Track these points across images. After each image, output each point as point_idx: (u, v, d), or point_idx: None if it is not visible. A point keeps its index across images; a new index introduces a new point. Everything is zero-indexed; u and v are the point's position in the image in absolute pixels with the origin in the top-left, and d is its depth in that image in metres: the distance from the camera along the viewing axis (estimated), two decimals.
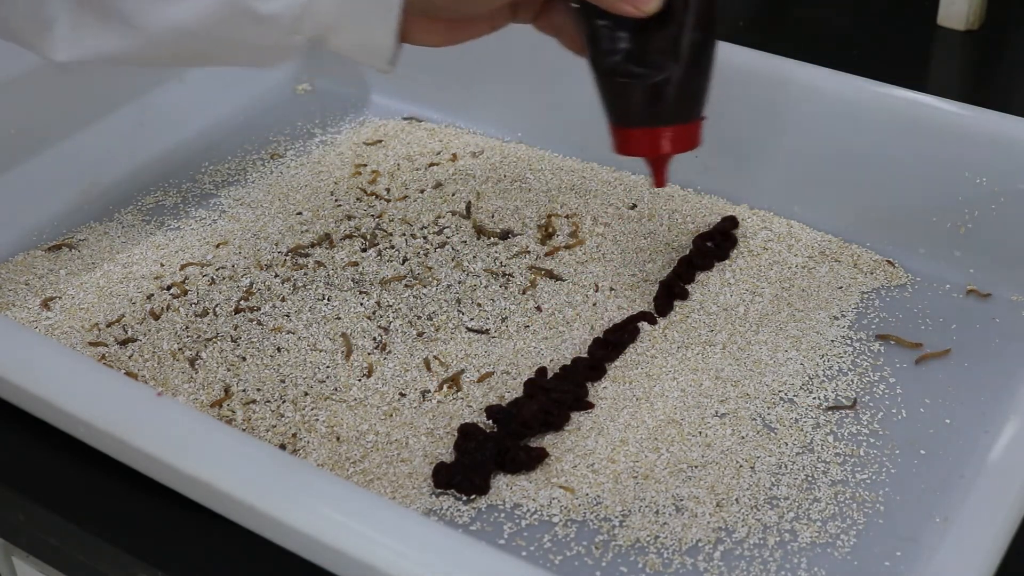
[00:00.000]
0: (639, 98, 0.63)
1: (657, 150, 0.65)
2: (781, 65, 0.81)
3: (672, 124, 0.63)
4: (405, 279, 0.76)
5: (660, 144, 0.64)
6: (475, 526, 0.60)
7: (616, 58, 0.62)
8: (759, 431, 0.65)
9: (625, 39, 0.61)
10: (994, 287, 0.74)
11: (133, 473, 0.58)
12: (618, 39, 0.61)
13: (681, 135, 0.64)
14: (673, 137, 0.64)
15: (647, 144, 0.64)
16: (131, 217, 0.83)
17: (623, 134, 0.64)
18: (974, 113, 0.76)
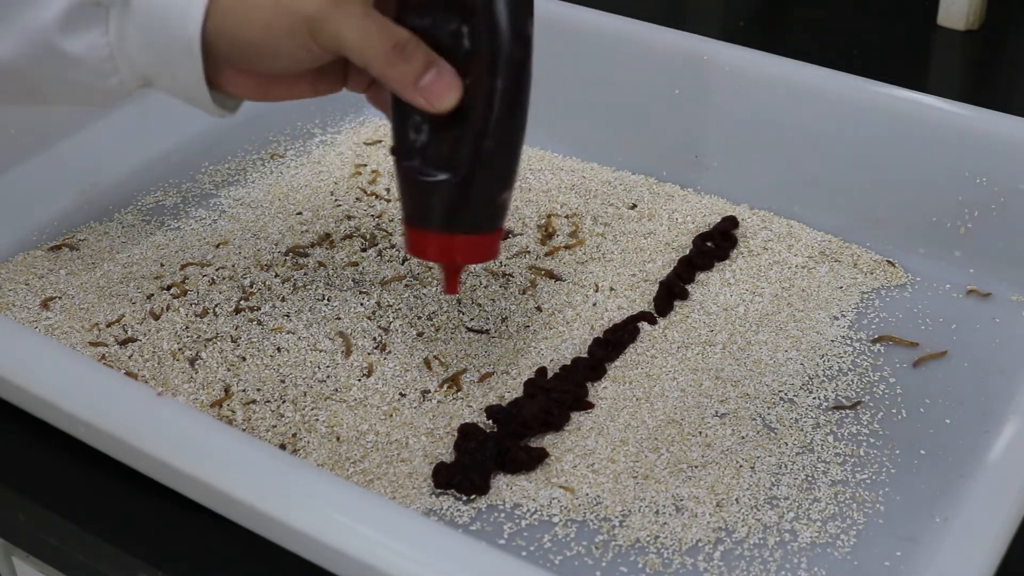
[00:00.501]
0: (429, 199, 0.59)
1: (444, 258, 0.61)
2: (781, 65, 0.81)
3: (463, 233, 0.60)
4: (405, 279, 0.76)
5: (448, 252, 0.61)
6: (475, 526, 0.60)
7: (408, 150, 0.59)
8: (759, 431, 0.65)
9: (422, 132, 0.58)
10: (994, 287, 0.75)
11: (133, 473, 0.58)
12: (415, 131, 0.58)
13: (472, 246, 0.60)
14: (463, 247, 0.60)
15: (435, 249, 0.61)
16: (131, 217, 0.83)
17: (412, 234, 0.61)
18: (974, 113, 0.76)
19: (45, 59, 0.56)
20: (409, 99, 0.57)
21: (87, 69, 0.57)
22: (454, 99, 0.56)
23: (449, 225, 0.60)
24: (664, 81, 0.84)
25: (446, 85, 0.56)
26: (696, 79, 0.83)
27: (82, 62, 0.56)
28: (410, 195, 0.60)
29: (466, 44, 0.56)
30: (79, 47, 0.56)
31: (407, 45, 0.55)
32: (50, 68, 0.57)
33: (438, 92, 0.56)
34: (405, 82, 0.56)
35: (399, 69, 0.55)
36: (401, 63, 0.55)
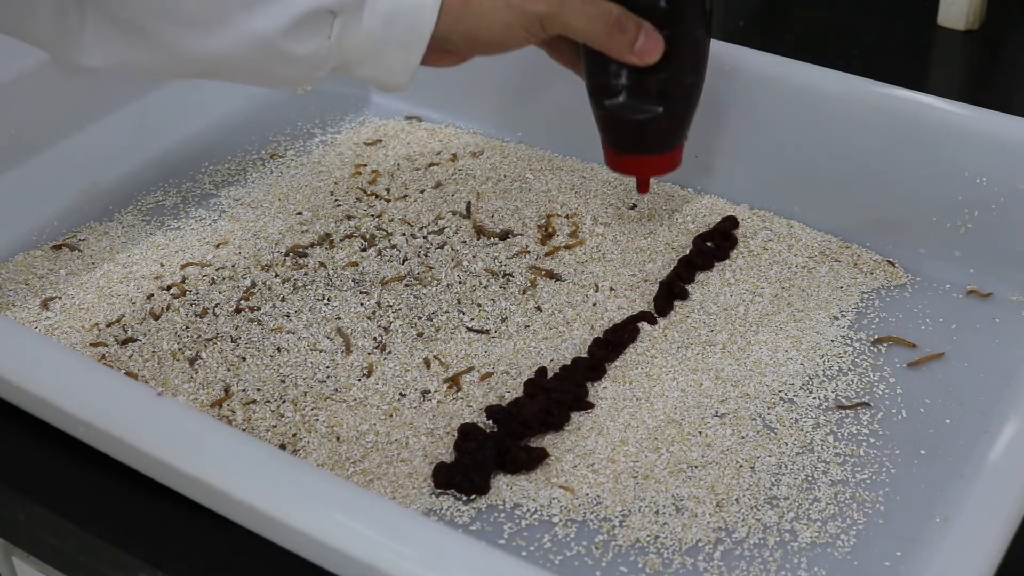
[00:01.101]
0: (631, 130, 0.69)
1: (644, 173, 0.72)
2: (781, 65, 0.81)
3: (659, 152, 0.70)
4: (405, 279, 0.76)
5: (647, 168, 0.72)
6: (475, 526, 0.60)
7: (615, 96, 0.68)
8: (759, 431, 0.65)
9: (625, 80, 0.67)
10: (994, 287, 0.75)
11: (133, 473, 0.58)
12: (618, 79, 0.67)
13: (666, 161, 0.71)
14: (658, 162, 0.71)
15: (635, 167, 0.72)
16: (131, 217, 0.83)
17: (614, 156, 0.71)
18: (974, 113, 0.76)
19: (266, 57, 0.58)
20: (625, 60, 0.65)
21: (302, 66, 0.59)
22: (659, 53, 0.65)
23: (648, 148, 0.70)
24: None
25: (653, 44, 0.64)
26: None
27: (301, 61, 0.59)
28: (612, 128, 0.70)
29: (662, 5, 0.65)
30: (303, 50, 0.58)
31: (620, 20, 0.63)
32: (267, 64, 0.59)
33: (648, 50, 0.64)
34: (623, 50, 0.64)
35: (618, 41, 0.64)
36: (619, 36, 0.64)
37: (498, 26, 0.61)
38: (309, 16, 0.57)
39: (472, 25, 0.61)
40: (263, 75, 0.61)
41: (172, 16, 0.56)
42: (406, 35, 0.60)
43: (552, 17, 0.62)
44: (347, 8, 0.58)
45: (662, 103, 0.68)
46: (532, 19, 0.61)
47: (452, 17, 0.60)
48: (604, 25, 0.63)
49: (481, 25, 0.61)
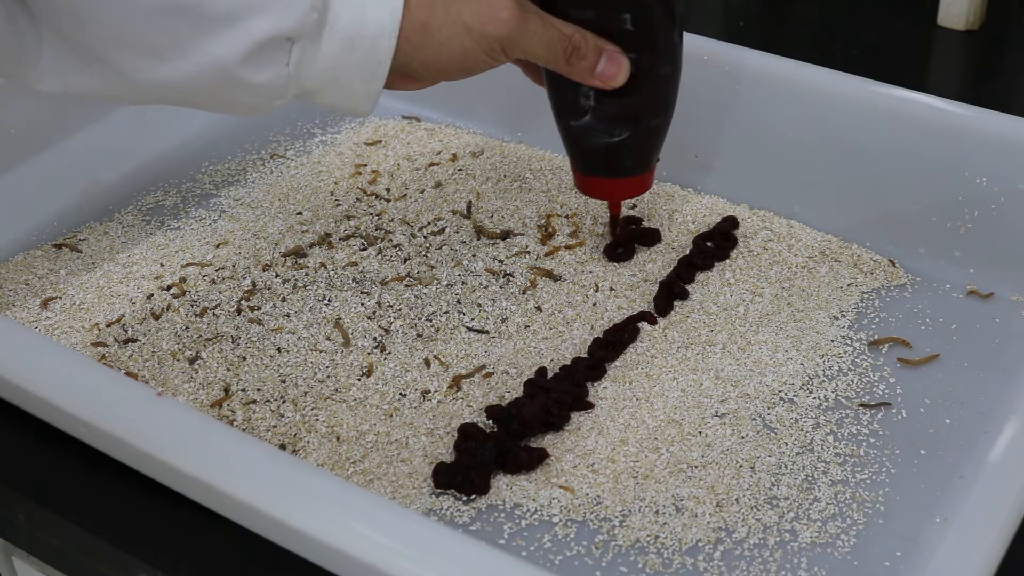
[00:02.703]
0: (599, 153, 0.70)
1: (613, 197, 0.74)
2: (781, 65, 0.81)
3: (628, 176, 0.71)
4: (405, 279, 0.76)
5: (616, 192, 0.73)
6: (475, 526, 0.60)
7: (581, 119, 0.68)
8: (759, 431, 0.65)
9: (590, 102, 0.67)
10: (994, 287, 0.74)
11: (133, 473, 0.58)
12: (584, 101, 0.67)
13: (635, 184, 0.72)
14: (628, 186, 0.72)
15: (604, 191, 0.73)
16: (131, 217, 0.83)
17: (582, 179, 0.72)
18: (974, 113, 0.76)
19: (224, 85, 0.57)
20: (587, 84, 0.65)
21: (261, 94, 0.58)
22: (625, 76, 0.65)
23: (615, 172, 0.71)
24: None
25: (616, 67, 0.65)
26: (696, 79, 0.83)
27: (260, 89, 0.58)
28: (579, 152, 0.70)
29: (628, 26, 0.65)
30: (261, 78, 0.57)
31: (580, 45, 0.63)
32: (225, 91, 0.58)
33: (610, 74, 0.65)
34: (583, 74, 0.65)
35: (578, 66, 0.64)
36: (578, 61, 0.64)
37: (458, 52, 0.60)
38: (267, 44, 0.56)
39: (432, 52, 0.60)
40: (222, 103, 0.59)
41: (128, 43, 0.55)
42: (365, 63, 0.59)
43: (512, 42, 0.61)
44: (305, 35, 0.57)
45: (630, 126, 0.68)
46: (492, 44, 0.61)
47: (411, 44, 0.59)
48: (562, 50, 0.63)
49: (441, 52, 0.60)
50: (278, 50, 0.57)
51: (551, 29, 0.62)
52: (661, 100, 0.69)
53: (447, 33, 0.60)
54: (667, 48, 0.67)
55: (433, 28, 0.59)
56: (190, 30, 0.55)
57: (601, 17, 0.64)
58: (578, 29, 0.64)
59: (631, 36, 0.65)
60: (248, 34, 0.55)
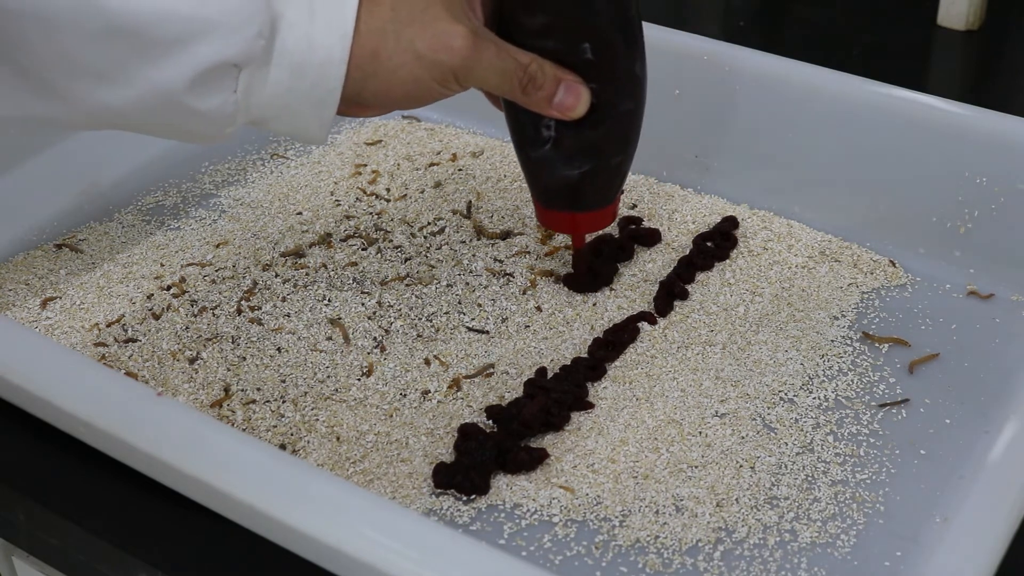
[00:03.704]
0: (559, 186, 0.67)
1: (574, 230, 0.71)
2: (781, 65, 0.81)
3: (590, 209, 0.69)
4: (405, 279, 0.76)
5: (578, 226, 0.70)
6: (475, 526, 0.60)
7: (540, 150, 0.66)
8: (759, 431, 0.65)
9: (550, 133, 0.65)
10: (994, 287, 0.75)
11: (133, 473, 0.58)
12: (545, 131, 0.65)
13: (598, 218, 0.70)
14: (590, 220, 0.70)
15: (565, 224, 0.70)
16: (131, 217, 0.83)
17: (543, 212, 0.70)
18: (974, 113, 0.76)
19: (168, 111, 0.56)
20: (546, 115, 0.64)
21: (209, 122, 0.57)
22: (584, 106, 0.63)
23: (577, 205, 0.69)
24: (664, 81, 0.84)
25: (576, 97, 0.63)
26: (696, 79, 0.83)
27: (207, 117, 0.57)
28: (539, 184, 0.68)
29: (588, 56, 0.63)
30: (207, 105, 0.56)
31: (536, 75, 0.62)
32: (171, 118, 0.57)
33: (569, 105, 0.63)
34: (540, 105, 0.63)
35: (534, 96, 0.62)
36: (535, 91, 0.62)
37: (410, 81, 0.59)
38: (212, 70, 0.55)
39: (383, 80, 0.58)
40: (171, 130, 0.58)
41: (73, 68, 0.54)
42: (315, 90, 0.58)
43: (466, 71, 0.59)
44: (252, 62, 0.56)
45: (591, 160, 0.66)
46: (445, 73, 0.59)
47: (362, 72, 0.58)
48: (518, 80, 0.61)
49: (392, 80, 0.58)
50: (225, 77, 0.55)
51: (506, 58, 0.61)
52: (622, 137, 0.67)
53: (398, 61, 0.58)
54: (629, 80, 0.65)
55: (384, 56, 0.58)
56: (133, 56, 0.54)
57: (560, 46, 0.62)
58: (535, 58, 0.62)
59: (591, 66, 0.63)
60: (192, 60, 0.54)
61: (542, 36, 0.62)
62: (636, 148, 0.68)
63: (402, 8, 0.58)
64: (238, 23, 0.55)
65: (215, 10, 0.54)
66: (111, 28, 0.53)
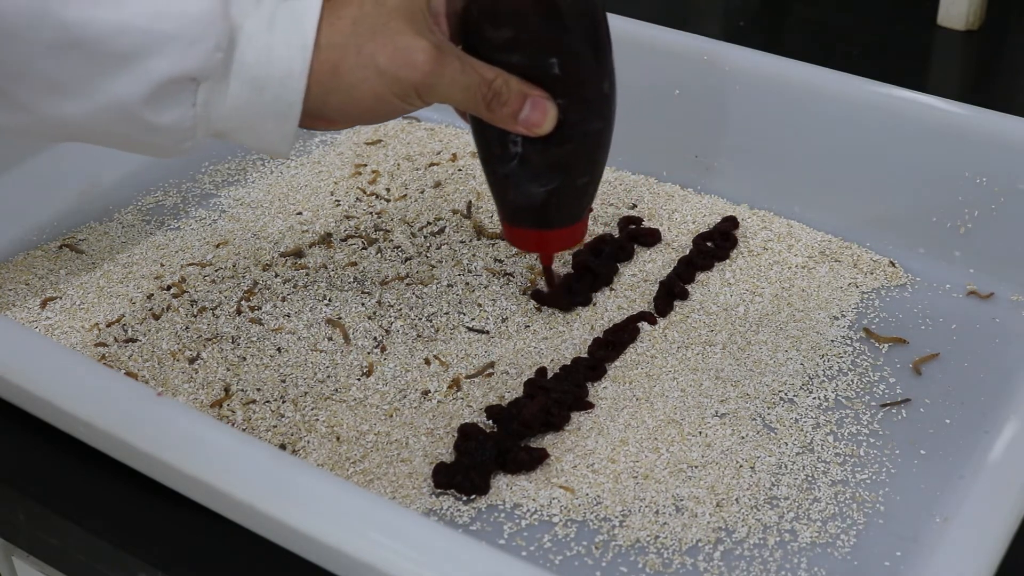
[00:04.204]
0: (526, 204, 0.65)
1: (542, 249, 0.69)
2: (781, 65, 0.81)
3: (558, 228, 0.67)
4: (406, 279, 0.76)
5: (545, 244, 0.68)
6: (475, 526, 0.60)
7: (507, 167, 0.64)
8: (759, 431, 0.65)
9: (517, 149, 0.63)
10: (994, 287, 0.75)
11: (133, 473, 0.58)
12: (512, 147, 0.63)
13: (566, 236, 0.68)
14: (558, 238, 0.68)
15: (532, 242, 0.68)
16: (131, 217, 0.83)
17: (512, 231, 0.68)
18: (974, 113, 0.76)
19: (126, 124, 0.56)
20: (512, 131, 0.62)
21: (168, 135, 0.57)
22: (551, 123, 0.61)
23: (545, 223, 0.66)
24: (664, 81, 0.84)
25: (542, 113, 0.61)
26: (696, 79, 0.83)
27: (166, 130, 0.56)
28: (507, 202, 0.66)
29: (555, 71, 0.61)
30: (165, 119, 0.56)
31: (501, 90, 0.60)
32: (130, 131, 0.56)
33: (535, 121, 0.61)
34: (506, 121, 0.61)
35: (499, 112, 0.61)
36: (500, 107, 0.60)
37: (370, 96, 0.58)
38: (170, 84, 0.54)
39: (344, 95, 0.57)
40: (131, 143, 0.58)
41: (31, 78, 0.54)
42: (276, 103, 0.57)
43: (428, 87, 0.58)
44: (211, 76, 0.55)
45: (558, 178, 0.64)
46: (406, 89, 0.58)
47: (322, 87, 0.57)
48: (483, 97, 0.60)
49: (353, 95, 0.57)
50: (183, 90, 0.55)
51: (470, 73, 0.59)
52: (590, 156, 0.65)
53: (359, 76, 0.57)
54: (597, 98, 0.63)
55: (344, 70, 0.57)
56: (90, 68, 0.53)
57: (526, 61, 0.60)
58: (501, 73, 0.60)
59: (558, 82, 0.61)
60: (149, 74, 0.54)
61: (508, 50, 0.60)
62: (604, 169, 0.67)
63: (363, 22, 0.57)
64: (195, 36, 0.54)
65: (172, 24, 0.54)
66: (68, 40, 0.52)
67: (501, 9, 0.60)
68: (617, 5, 0.90)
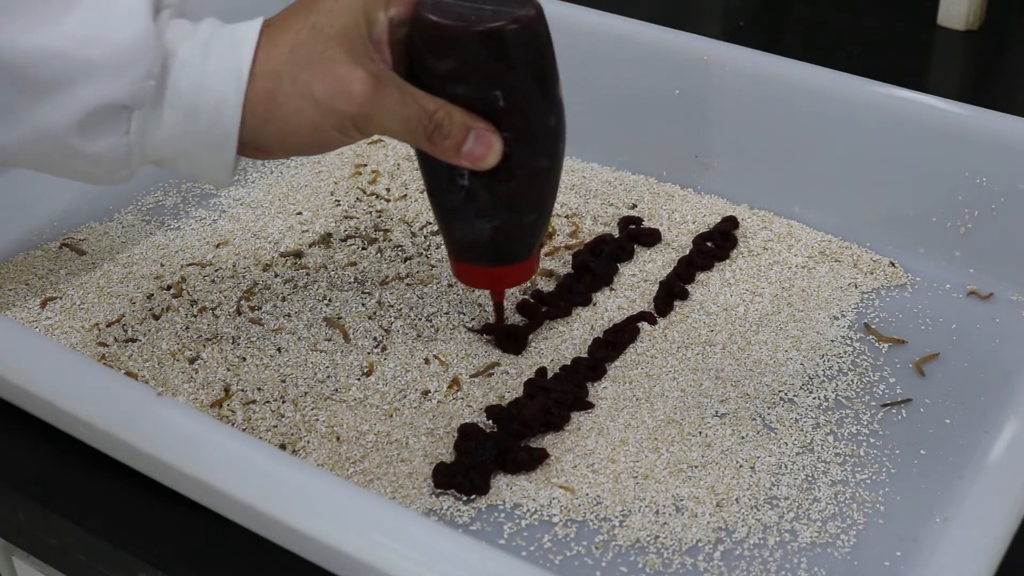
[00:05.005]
0: (472, 240, 0.64)
1: (489, 285, 0.68)
2: (781, 65, 0.81)
3: (506, 264, 0.65)
4: (406, 279, 0.76)
5: (493, 281, 0.67)
6: (475, 526, 0.60)
7: (452, 200, 0.62)
8: (759, 431, 0.65)
9: (463, 182, 0.61)
10: (994, 287, 0.75)
11: (133, 473, 0.58)
12: (459, 180, 0.61)
13: (515, 273, 0.66)
14: (505, 275, 0.66)
15: (480, 278, 0.67)
16: (131, 217, 0.83)
17: (460, 267, 0.66)
18: (974, 113, 0.76)
19: (54, 152, 0.55)
20: (455, 164, 0.59)
21: (101, 163, 0.56)
22: (496, 156, 0.59)
23: (493, 260, 0.65)
24: (664, 81, 0.84)
25: (486, 146, 0.59)
26: (696, 79, 0.83)
27: (98, 159, 0.55)
28: (454, 237, 0.65)
29: (500, 104, 0.59)
30: (97, 147, 0.55)
31: (443, 123, 0.58)
32: (63, 159, 0.55)
33: (479, 155, 0.59)
34: (448, 154, 0.59)
35: (440, 145, 0.58)
36: (441, 140, 0.58)
37: (307, 127, 0.56)
38: (100, 111, 0.53)
39: (280, 126, 0.56)
40: (65, 170, 0.57)
41: None
42: (211, 133, 0.55)
43: (365, 119, 0.56)
44: (143, 104, 0.54)
45: (505, 214, 0.62)
46: (343, 120, 0.56)
47: (257, 117, 0.55)
48: (424, 129, 0.58)
49: (289, 126, 0.56)
50: (115, 118, 0.54)
51: (411, 105, 0.57)
52: (537, 194, 0.63)
53: (295, 106, 0.55)
54: (543, 133, 0.61)
55: (280, 100, 0.55)
56: (18, 94, 0.53)
57: (470, 92, 0.58)
58: (444, 104, 0.58)
59: (503, 114, 0.59)
60: (77, 101, 0.53)
61: (451, 81, 0.58)
62: (553, 206, 0.65)
63: (300, 50, 0.56)
64: (124, 64, 0.53)
65: (100, 51, 0.53)
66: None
67: (443, 38, 0.58)
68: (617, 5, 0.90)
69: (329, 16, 0.57)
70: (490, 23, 0.58)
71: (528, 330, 0.71)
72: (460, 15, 0.58)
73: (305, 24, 0.56)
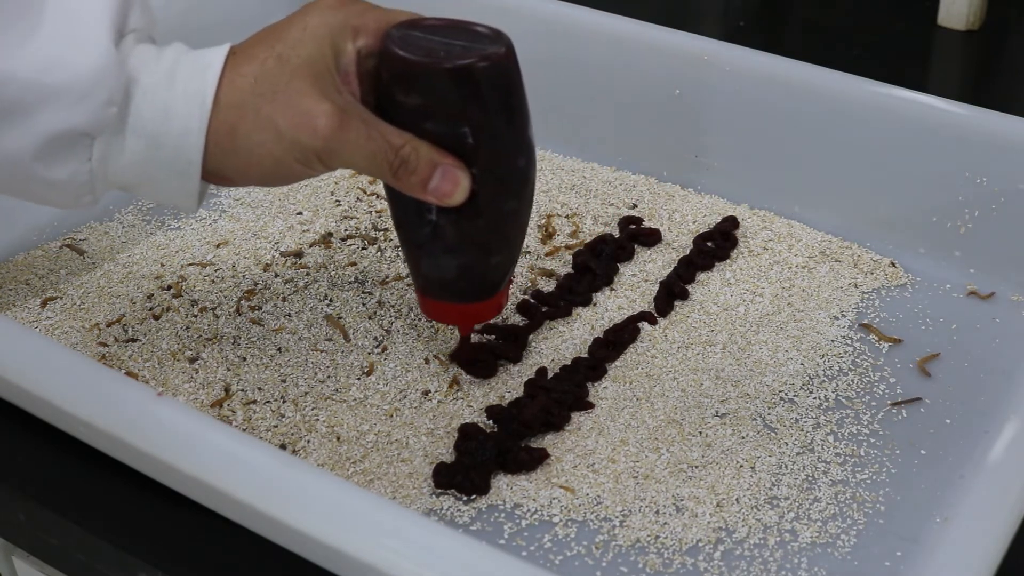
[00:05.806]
0: (439, 275, 0.64)
1: (457, 322, 0.67)
2: (781, 65, 0.81)
3: (474, 301, 0.65)
4: (406, 279, 0.76)
5: (461, 317, 0.66)
6: (475, 526, 0.60)
7: (419, 235, 0.62)
8: (759, 431, 0.65)
9: (431, 217, 0.61)
10: (994, 287, 0.75)
11: (133, 473, 0.58)
12: (427, 215, 0.61)
13: (482, 309, 0.66)
14: (474, 311, 0.66)
15: (447, 314, 0.66)
16: (131, 217, 0.83)
17: (427, 302, 0.66)
18: (974, 113, 0.76)
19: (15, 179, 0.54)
20: (422, 199, 0.59)
21: (63, 190, 0.55)
22: (464, 193, 0.58)
23: (462, 296, 0.65)
24: (664, 81, 0.84)
25: (453, 183, 0.58)
26: (696, 79, 0.83)
27: (60, 186, 0.54)
28: (421, 273, 0.64)
29: (470, 141, 0.58)
30: (58, 174, 0.54)
31: (409, 158, 0.57)
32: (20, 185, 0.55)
33: (446, 191, 0.58)
34: (414, 190, 0.58)
35: (406, 181, 0.57)
36: (407, 176, 0.57)
37: (270, 160, 0.55)
38: (60, 138, 0.52)
39: (243, 158, 0.55)
40: (27, 194, 0.56)
41: None
42: (175, 161, 0.55)
43: (329, 153, 0.55)
44: (104, 131, 0.53)
45: (472, 252, 0.62)
46: (307, 154, 0.55)
47: (220, 149, 0.55)
48: (388, 164, 0.57)
49: (252, 158, 0.55)
50: (76, 145, 0.53)
51: (376, 139, 0.56)
52: (503, 234, 0.63)
53: (257, 139, 0.55)
54: (511, 172, 0.60)
55: (243, 132, 0.54)
56: None
57: (438, 128, 0.58)
58: (411, 139, 0.57)
59: (471, 152, 0.58)
60: (37, 128, 0.52)
61: (419, 116, 0.58)
62: (521, 247, 0.65)
63: (265, 80, 0.55)
64: (85, 91, 0.52)
65: (61, 77, 0.52)
66: None
67: (411, 74, 0.57)
68: (617, 5, 0.90)
69: (295, 46, 0.56)
70: (459, 60, 0.57)
71: (528, 330, 0.71)
72: (429, 51, 0.57)
73: (271, 53, 0.56)
